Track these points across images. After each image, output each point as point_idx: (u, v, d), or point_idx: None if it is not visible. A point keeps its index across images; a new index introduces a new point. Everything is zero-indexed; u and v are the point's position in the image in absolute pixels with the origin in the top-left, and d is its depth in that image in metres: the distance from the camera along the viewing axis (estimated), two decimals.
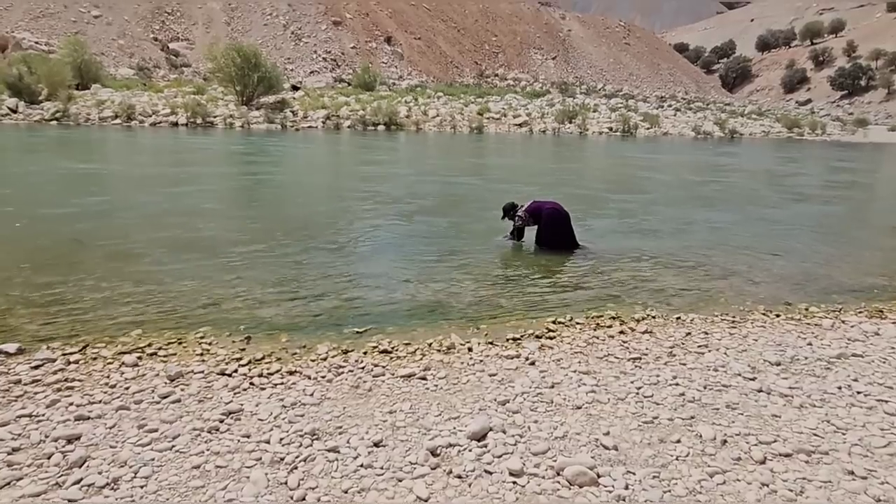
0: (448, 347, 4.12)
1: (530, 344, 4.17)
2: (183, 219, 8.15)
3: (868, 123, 51.42)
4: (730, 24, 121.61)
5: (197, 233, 7.35)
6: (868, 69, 73.08)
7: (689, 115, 47.14)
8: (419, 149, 22.07)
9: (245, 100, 29.53)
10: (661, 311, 5.06)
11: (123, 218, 8.08)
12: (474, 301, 5.24)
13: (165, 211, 8.64)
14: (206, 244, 6.78)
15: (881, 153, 30.98)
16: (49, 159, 13.75)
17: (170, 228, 7.51)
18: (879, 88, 71.26)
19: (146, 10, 48.87)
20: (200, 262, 6.08)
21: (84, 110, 25.95)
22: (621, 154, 23.82)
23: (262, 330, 4.43)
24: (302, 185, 12.15)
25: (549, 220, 6.99)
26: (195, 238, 7.06)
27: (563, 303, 5.28)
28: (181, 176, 12.34)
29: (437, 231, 8.00)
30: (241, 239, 7.11)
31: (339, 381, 3.51)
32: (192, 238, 7.04)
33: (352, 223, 8.33)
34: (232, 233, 7.51)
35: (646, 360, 3.92)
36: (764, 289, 5.93)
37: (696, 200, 12.04)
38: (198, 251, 6.45)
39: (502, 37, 60.06)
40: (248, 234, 7.45)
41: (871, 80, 72.09)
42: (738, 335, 4.45)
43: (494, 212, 7.53)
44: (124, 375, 3.49)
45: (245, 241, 7.02)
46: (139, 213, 8.45)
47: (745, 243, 8.01)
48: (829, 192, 15.10)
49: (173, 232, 7.32)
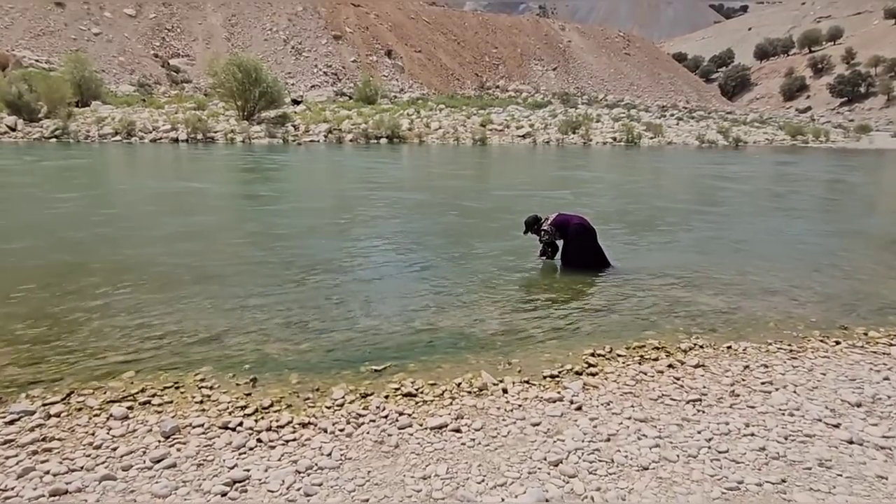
0: (479, 389, 3.65)
1: (572, 383, 3.69)
2: (180, 241, 7.70)
3: (870, 130, 51.14)
4: (727, 32, 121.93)
5: (198, 257, 6.88)
6: (867, 76, 72.98)
7: (692, 123, 46.84)
8: (425, 162, 21.68)
9: (246, 114, 29.24)
10: (707, 339, 4.59)
11: (121, 240, 7.63)
12: (500, 330, 4.77)
13: (162, 232, 8.20)
14: (206, 269, 6.32)
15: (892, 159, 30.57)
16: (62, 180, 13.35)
17: (168, 251, 7.06)
18: (879, 95, 71.08)
19: (146, 26, 48.88)
20: (201, 289, 5.62)
21: (84, 127, 25.66)
22: (631, 164, 23.42)
23: (269, 369, 3.96)
24: (306, 201, 11.72)
25: (576, 236, 6.52)
26: (195, 262, 6.59)
27: (598, 330, 4.81)
28: (172, 192, 11.93)
29: (453, 250, 7.53)
30: (245, 262, 6.66)
31: (360, 436, 3.03)
32: (191, 262, 6.58)
33: (363, 243, 7.88)
34: (235, 256, 7.05)
35: (707, 401, 3.44)
36: (812, 310, 5.46)
37: (718, 211, 11.59)
38: (197, 277, 6.00)
39: (502, 48, 60.00)
40: (253, 256, 7.00)
41: (871, 86, 71.94)
42: (803, 368, 3.97)
43: (513, 231, 7.08)
44: (112, 432, 3.01)
45: (249, 264, 6.57)
46: (139, 235, 8.01)
47: (778, 257, 7.56)
48: (851, 200, 14.65)
49: (171, 255, 6.86)
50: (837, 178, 20.12)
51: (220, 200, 11.63)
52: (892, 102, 70.05)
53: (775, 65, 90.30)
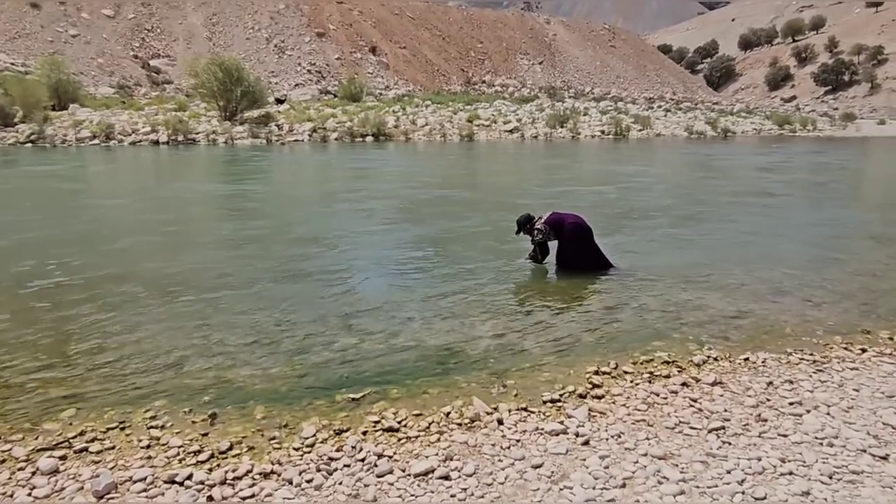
0: (471, 420, 3.19)
1: (576, 410, 3.25)
2: (142, 250, 7.18)
3: (855, 118, 51.34)
4: (711, 24, 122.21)
5: (161, 267, 6.35)
6: (851, 64, 73.33)
7: (680, 115, 46.65)
8: (412, 160, 21.19)
9: (228, 115, 28.56)
10: (721, 350, 4.17)
11: (77, 251, 7.08)
12: (492, 345, 4.32)
13: (121, 241, 7.67)
14: (170, 281, 5.81)
15: (884, 147, 30.44)
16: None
17: (127, 262, 6.54)
18: (863, 83, 71.51)
19: (125, 27, 47.88)
20: (163, 304, 5.12)
21: (61, 131, 24.92)
22: (623, 156, 23.06)
23: (232, 401, 3.48)
24: (282, 204, 11.19)
25: (572, 236, 6.07)
26: (157, 274, 6.07)
27: (600, 342, 4.37)
28: (125, 192, 11.36)
29: (439, 254, 7.06)
30: (215, 272, 6.15)
31: (331, 489, 2.57)
32: (153, 274, 6.06)
33: (343, 247, 7.39)
34: (203, 265, 6.52)
35: (731, 429, 3.01)
36: (828, 311, 5.06)
37: (714, 204, 11.21)
38: (160, 290, 5.49)
39: (488, 43, 59.48)
40: (223, 266, 6.49)
41: (855, 74, 72.31)
42: (832, 384, 3.56)
43: (506, 234, 6.64)
44: (34, 493, 2.53)
45: (218, 275, 6.06)
46: (95, 243, 7.46)
47: (784, 253, 7.17)
48: (848, 189, 14.36)
49: (131, 266, 6.34)
50: (835, 166, 19.86)
51: (189, 204, 11.07)
52: (876, 90, 70.46)
53: (759, 55, 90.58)
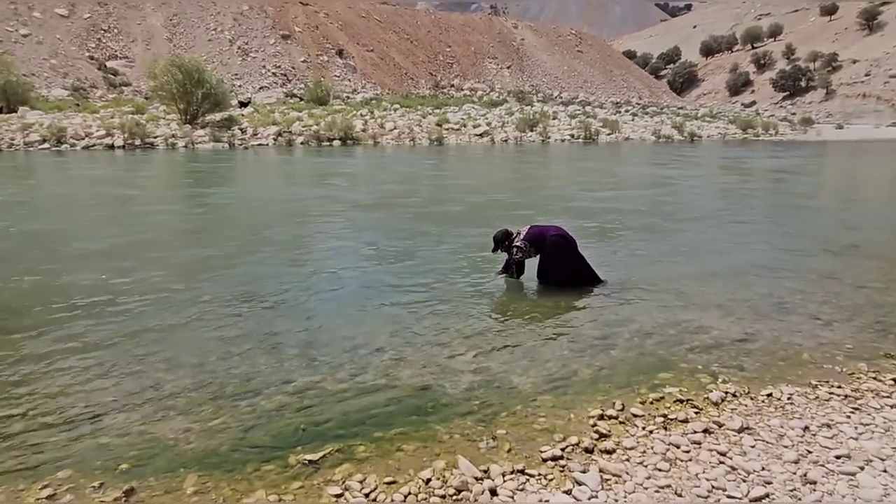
0: (457, 490, 2.57)
1: (586, 475, 2.65)
2: (71, 267, 6.35)
3: (813, 123, 52.70)
4: (674, 30, 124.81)
5: (90, 290, 5.56)
6: (807, 70, 75.44)
7: (647, 119, 47.05)
8: (379, 165, 20.48)
9: (189, 118, 27.37)
10: (738, 383, 3.64)
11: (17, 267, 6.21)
12: (475, 382, 3.70)
13: (48, 260, 6.81)
14: (99, 307, 5.03)
15: (848, 150, 31.03)
16: None
17: (52, 284, 5.72)
18: (819, 89, 73.61)
19: (80, 27, 45.94)
20: (88, 334, 4.36)
21: (7, 135, 23.43)
22: (597, 161, 22.79)
23: (156, 469, 2.78)
24: (234, 214, 10.38)
25: (554, 249, 5.52)
26: (85, 297, 5.28)
27: (598, 376, 3.80)
28: (75, 204, 10.41)
29: (412, 272, 6.37)
30: (156, 295, 5.38)
31: None
32: (82, 297, 5.27)
33: (303, 264, 6.67)
34: (143, 287, 5.74)
35: (777, 498, 2.47)
36: (841, 332, 4.60)
37: (699, 210, 10.84)
38: (84, 316, 4.72)
39: (456, 47, 59.14)
40: (167, 287, 5.71)
41: (811, 80, 74.39)
42: (877, 428, 3.05)
43: (482, 247, 6.05)
44: None
45: (159, 300, 5.30)
46: (13, 262, 6.59)
47: (777, 262, 6.77)
48: (827, 193, 14.26)
49: (54, 289, 5.53)
50: (804, 171, 19.94)
51: (132, 216, 10.17)
52: (831, 96, 72.59)
53: (720, 61, 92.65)
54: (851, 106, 68.60)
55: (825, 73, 74.13)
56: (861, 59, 73.34)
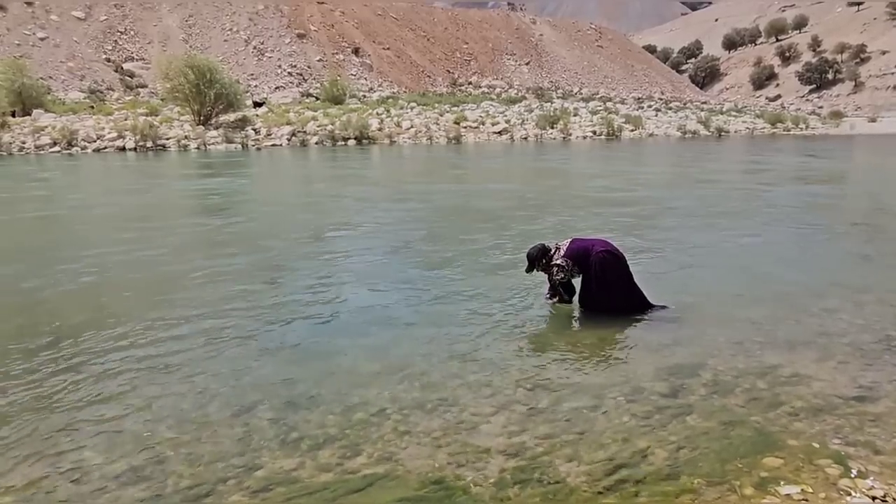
0: None
1: None
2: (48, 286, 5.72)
3: (843, 116, 50.89)
4: (695, 24, 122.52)
5: (52, 318, 4.91)
6: (834, 63, 73.32)
7: (671, 114, 45.85)
8: (397, 166, 19.79)
9: (202, 119, 26.99)
10: (879, 475, 2.69)
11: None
12: (508, 470, 2.74)
13: (26, 280, 6.20)
14: (58, 340, 4.37)
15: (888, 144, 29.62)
16: None
17: (24, 302, 5.08)
18: (846, 81, 71.44)
19: (97, 30, 46.02)
20: (54, 371, 3.70)
21: (19, 138, 23.23)
22: (621, 161, 21.86)
23: None
24: (245, 226, 9.74)
25: (601, 268, 4.62)
26: (47, 325, 4.63)
27: (678, 461, 2.81)
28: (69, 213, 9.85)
29: (426, 292, 5.48)
30: (128, 318, 4.71)
31: None
32: (45, 325, 4.62)
33: (312, 286, 5.82)
34: (118, 307, 5.08)
35: None
36: None
37: (754, 215, 9.91)
38: (52, 343, 4.06)
39: (473, 44, 58.32)
40: (140, 307, 5.05)
41: (838, 73, 72.27)
42: None
43: (516, 262, 5.26)
44: None
45: (150, 325, 4.63)
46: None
47: (870, 280, 5.72)
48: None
49: (17, 309, 4.89)
50: (857, 169, 18.82)
51: (124, 223, 9.58)
52: (860, 88, 70.40)
53: (743, 54, 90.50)
54: (881, 98, 66.34)
55: (853, 65, 71.96)
56: (891, 50, 70.98)
